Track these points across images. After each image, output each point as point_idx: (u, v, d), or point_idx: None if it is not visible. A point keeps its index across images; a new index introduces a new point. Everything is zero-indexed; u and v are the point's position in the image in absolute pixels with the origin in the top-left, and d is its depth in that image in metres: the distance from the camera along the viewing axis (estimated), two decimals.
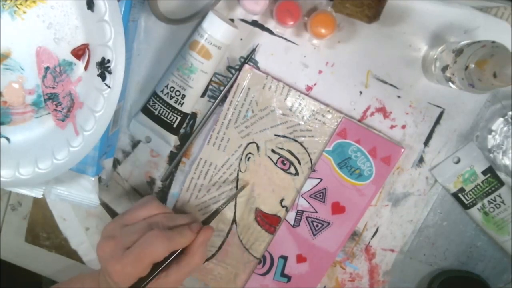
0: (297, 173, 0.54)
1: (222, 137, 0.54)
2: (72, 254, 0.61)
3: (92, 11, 0.43)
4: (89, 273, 0.53)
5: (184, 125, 0.55)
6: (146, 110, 0.54)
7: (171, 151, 0.56)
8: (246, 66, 0.52)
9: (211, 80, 0.53)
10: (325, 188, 0.53)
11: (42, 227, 0.61)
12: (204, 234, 0.47)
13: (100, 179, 0.55)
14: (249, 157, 0.54)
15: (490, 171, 0.52)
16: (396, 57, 0.51)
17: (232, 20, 0.52)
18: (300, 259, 0.55)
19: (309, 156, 0.53)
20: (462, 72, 0.41)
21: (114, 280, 0.44)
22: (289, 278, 0.55)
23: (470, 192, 0.52)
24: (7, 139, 0.49)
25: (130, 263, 0.43)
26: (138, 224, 0.46)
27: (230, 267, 0.57)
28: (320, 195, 0.53)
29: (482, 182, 0.52)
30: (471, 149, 0.52)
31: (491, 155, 0.51)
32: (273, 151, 0.53)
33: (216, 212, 0.51)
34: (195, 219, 0.49)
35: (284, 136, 0.53)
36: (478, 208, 0.52)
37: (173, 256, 0.46)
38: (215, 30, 0.48)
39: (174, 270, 0.46)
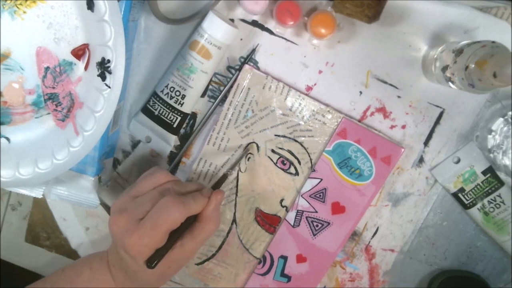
0: (297, 173, 0.54)
1: (222, 137, 0.54)
2: (72, 254, 0.61)
3: (92, 11, 0.43)
4: (95, 253, 0.51)
5: (184, 125, 0.55)
6: (146, 110, 0.54)
7: (171, 151, 0.56)
8: (246, 66, 0.52)
9: (211, 80, 0.53)
10: (325, 188, 0.53)
11: (42, 227, 0.61)
12: (216, 199, 0.46)
13: (100, 179, 0.55)
14: (249, 157, 0.54)
15: (490, 171, 0.52)
16: (396, 57, 0.51)
17: (232, 20, 0.52)
18: (300, 259, 0.55)
19: (309, 156, 0.53)
20: (462, 72, 0.41)
21: (132, 254, 0.43)
22: (289, 278, 0.55)
23: (470, 192, 0.52)
24: (7, 139, 0.49)
25: (146, 233, 0.41)
26: (149, 193, 0.45)
27: (230, 267, 0.57)
28: (320, 195, 0.53)
29: (482, 182, 0.52)
30: (471, 149, 0.52)
31: (491, 155, 0.51)
32: (273, 151, 0.53)
33: (224, 176, 0.51)
34: (202, 185, 0.48)
35: (284, 136, 0.53)
36: (478, 208, 0.52)
37: (187, 224, 0.45)
38: (215, 30, 0.48)
39: (189, 239, 0.45)
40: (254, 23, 0.52)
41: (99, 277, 0.48)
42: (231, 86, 0.53)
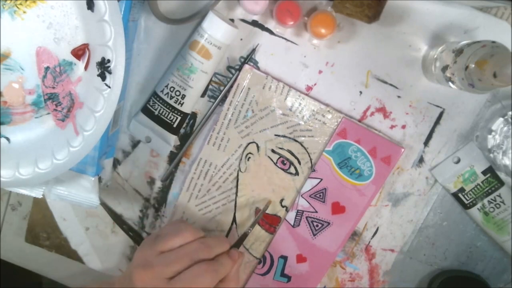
0: (297, 173, 0.54)
1: (222, 137, 0.54)
2: (72, 254, 0.61)
3: (92, 11, 0.43)
4: (105, 281, 0.52)
5: (184, 125, 0.55)
6: (146, 110, 0.54)
7: (171, 151, 0.56)
8: (246, 66, 0.52)
9: (211, 80, 0.53)
10: (325, 188, 0.53)
11: (42, 227, 0.61)
12: (239, 261, 0.49)
13: (100, 179, 0.55)
14: (249, 157, 0.54)
15: (490, 171, 0.52)
16: (396, 57, 0.51)
17: (232, 20, 0.52)
18: (300, 259, 0.55)
19: (309, 156, 0.53)
20: (462, 72, 0.41)
21: None
22: (289, 278, 0.55)
23: (470, 192, 0.52)
24: (7, 139, 0.49)
25: None
26: (177, 253, 0.46)
27: None
28: (320, 195, 0.53)
29: (482, 182, 0.52)
30: (471, 149, 0.52)
31: (491, 155, 0.51)
32: (273, 151, 0.53)
33: (244, 235, 0.52)
34: (227, 243, 0.50)
35: (284, 136, 0.53)
36: (478, 208, 0.52)
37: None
38: (215, 30, 0.48)
39: None
40: (254, 23, 0.52)
41: None
42: (231, 86, 0.53)
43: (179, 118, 0.53)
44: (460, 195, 0.52)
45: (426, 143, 0.53)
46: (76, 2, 0.44)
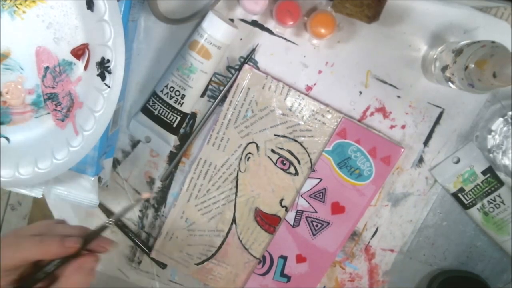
0: (296, 173, 0.54)
1: (222, 137, 0.54)
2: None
3: (92, 11, 0.43)
4: None
5: (184, 125, 0.55)
6: (145, 110, 0.54)
7: (170, 151, 0.56)
8: (246, 66, 0.52)
9: (211, 80, 0.53)
10: (324, 188, 0.53)
11: None
12: (84, 261, 0.39)
13: (99, 179, 0.54)
14: (249, 157, 0.54)
15: (490, 171, 0.52)
16: (396, 57, 0.51)
17: (232, 20, 0.52)
18: (300, 259, 0.55)
19: (308, 156, 0.53)
20: (462, 72, 0.41)
21: None
22: (288, 278, 0.55)
23: (470, 192, 0.52)
24: (7, 139, 0.49)
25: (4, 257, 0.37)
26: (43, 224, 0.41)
27: (230, 267, 0.57)
28: (319, 195, 0.53)
29: (481, 182, 0.52)
30: (471, 149, 0.52)
31: (491, 155, 0.51)
32: (272, 151, 0.53)
33: (102, 227, 0.42)
34: (80, 233, 0.41)
35: (284, 136, 0.53)
36: (477, 208, 0.52)
37: (46, 269, 0.39)
38: (215, 30, 0.48)
39: None
40: (254, 23, 0.52)
41: None
42: (231, 86, 0.53)
43: (179, 118, 0.53)
44: (459, 195, 0.52)
45: (425, 143, 0.53)
46: (76, 2, 0.44)
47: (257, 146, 0.54)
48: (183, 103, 0.52)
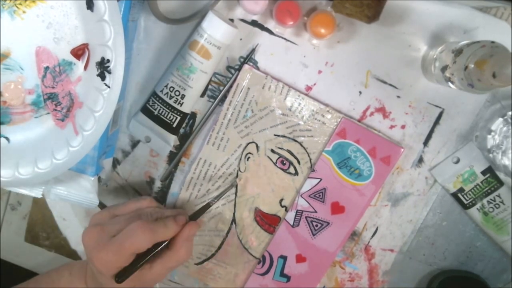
0: (296, 173, 0.54)
1: (222, 137, 0.54)
2: (71, 254, 0.61)
3: (92, 11, 0.43)
4: (78, 261, 0.53)
5: (184, 125, 0.55)
6: (145, 110, 0.54)
7: (170, 151, 0.56)
8: (246, 66, 0.52)
9: (210, 80, 0.54)
10: (324, 188, 0.53)
11: (41, 227, 0.61)
12: (190, 229, 0.47)
13: (99, 179, 0.55)
14: (249, 157, 0.54)
15: (490, 171, 0.52)
16: (396, 57, 0.51)
17: (231, 20, 0.52)
18: (300, 259, 0.55)
19: (308, 156, 0.53)
20: (462, 72, 0.41)
21: (97, 268, 0.44)
22: (288, 278, 0.55)
23: (470, 192, 0.52)
24: (7, 139, 0.49)
25: (112, 251, 0.43)
26: (127, 215, 0.47)
27: (230, 267, 0.57)
28: (319, 195, 0.53)
29: (481, 182, 0.52)
30: (471, 149, 0.52)
31: (491, 155, 0.51)
32: (272, 151, 0.53)
33: (206, 206, 0.51)
34: (183, 213, 0.49)
35: (283, 136, 0.53)
36: (477, 208, 0.52)
37: (157, 249, 0.45)
38: (214, 30, 0.48)
39: (158, 263, 0.46)
40: (254, 23, 0.52)
41: (76, 283, 0.50)
42: (231, 86, 0.53)
43: (179, 118, 0.53)
44: (459, 195, 0.52)
45: (425, 143, 0.53)
46: (75, 2, 0.44)
47: (257, 146, 0.54)
48: (183, 103, 0.52)
